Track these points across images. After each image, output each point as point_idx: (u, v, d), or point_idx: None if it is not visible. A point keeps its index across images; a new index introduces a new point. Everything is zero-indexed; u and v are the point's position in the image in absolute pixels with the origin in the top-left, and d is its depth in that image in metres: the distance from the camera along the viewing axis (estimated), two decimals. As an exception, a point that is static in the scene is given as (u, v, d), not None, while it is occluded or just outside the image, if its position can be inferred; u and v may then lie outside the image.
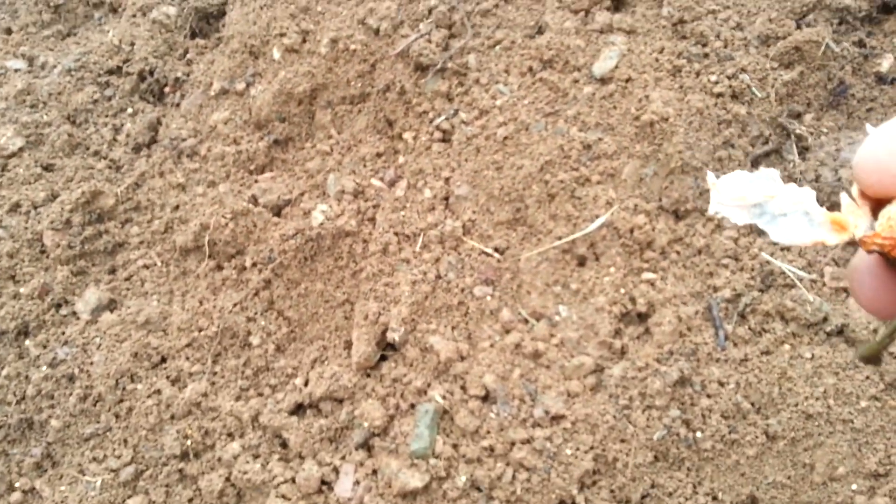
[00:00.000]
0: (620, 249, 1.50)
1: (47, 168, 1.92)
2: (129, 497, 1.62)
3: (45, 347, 1.72)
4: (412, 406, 1.53)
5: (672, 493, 1.39)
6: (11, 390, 1.70)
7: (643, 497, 1.40)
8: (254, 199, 1.74)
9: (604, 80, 1.62)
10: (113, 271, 1.82)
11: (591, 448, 1.39)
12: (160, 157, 1.90)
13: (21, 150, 1.92)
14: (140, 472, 1.63)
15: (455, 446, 1.49)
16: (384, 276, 1.61)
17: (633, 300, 1.47)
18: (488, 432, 1.46)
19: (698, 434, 1.38)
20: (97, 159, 1.94)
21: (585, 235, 1.51)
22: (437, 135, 1.68)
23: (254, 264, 1.69)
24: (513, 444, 1.43)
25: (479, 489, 1.45)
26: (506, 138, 1.61)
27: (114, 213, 1.83)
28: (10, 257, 1.79)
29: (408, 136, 1.70)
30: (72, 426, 1.67)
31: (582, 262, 1.53)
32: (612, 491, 1.41)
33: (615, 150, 1.55)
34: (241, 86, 1.85)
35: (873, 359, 0.47)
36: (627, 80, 1.60)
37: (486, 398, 1.50)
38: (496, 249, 1.58)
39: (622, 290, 1.47)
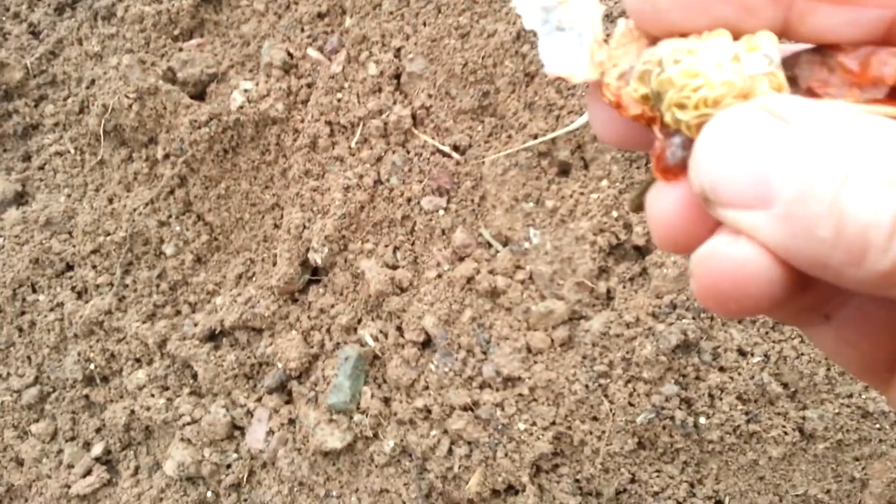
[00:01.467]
0: (617, 155, 1.06)
1: (-42, 32, 1.62)
2: (35, 421, 1.41)
3: (-52, 246, 1.49)
4: (338, 346, 1.21)
5: (659, 491, 1.02)
6: (-85, 293, 1.49)
7: (619, 493, 1.04)
8: (171, 74, 1.37)
9: None
10: (27, 158, 1.53)
11: (553, 424, 1.03)
12: (80, 20, 1.55)
13: (-71, 9, 1.62)
14: (45, 394, 1.41)
15: (386, 401, 1.16)
16: (311, 178, 1.24)
17: (627, 227, 1.05)
18: (426, 388, 1.12)
19: (702, 420, 0.98)
20: (16, 22, 1.62)
21: (571, 133, 1.08)
22: (390, -12, 1.24)
23: (166, 156, 1.36)
24: (452, 408, 1.09)
25: (410, 457, 1.13)
26: (475, -8, 1.16)
27: (24, 88, 1.52)
28: (-88, 139, 1.54)
29: (354, -10, 1.28)
30: (-27, 338, 1.45)
31: (564, 170, 1.11)
32: (576, 481, 1.05)
33: (619, 13, 1.08)
34: (162, -75, 1.45)
35: (641, 206, 0.31)
36: None
37: (426, 345, 1.15)
38: (455, 147, 1.17)
39: (614, 214, 1.04)
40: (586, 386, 1.01)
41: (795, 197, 0.22)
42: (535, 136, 1.09)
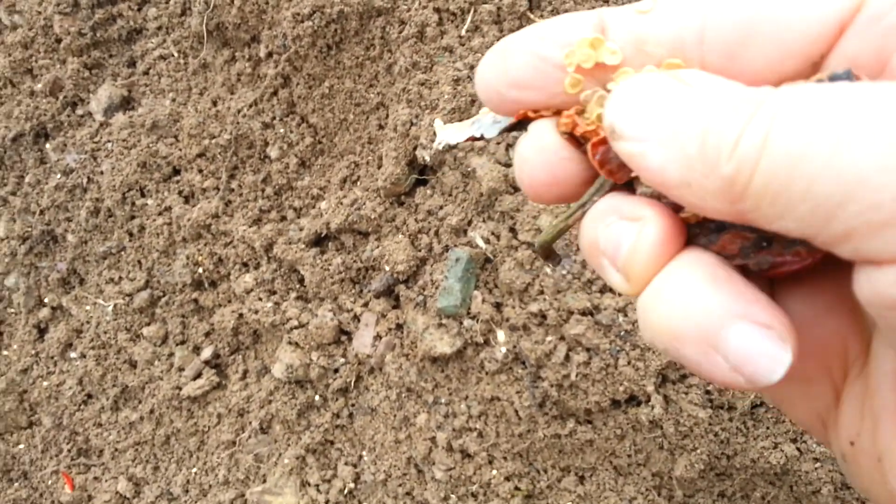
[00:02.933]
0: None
1: (63, -63, 1.62)
2: (147, 324, 1.45)
3: (62, 151, 1.52)
4: (447, 248, 1.16)
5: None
6: (34, 199, 1.54)
7: (754, 406, 0.95)
8: (272, -33, 1.33)
9: None
10: (132, 63, 1.53)
11: (682, 330, 0.95)
12: (179, -81, 1.52)
13: (35, -85, 1.62)
14: (155, 298, 1.44)
15: (498, 306, 1.11)
16: (419, 70, 1.17)
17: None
18: (540, 293, 1.06)
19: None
20: (116, -75, 1.60)
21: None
22: None
23: (269, 54, 1.32)
24: (570, 313, 1.02)
25: (523, 364, 1.08)
26: None
27: (127, -9, 1.52)
28: (25, 48, 1.56)
29: None
30: (88, 242, 1.49)
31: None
32: (706, 392, 0.98)
33: None
34: None
35: (550, 253, 0.37)
36: None
37: (542, 246, 1.08)
38: (576, 32, 1.08)
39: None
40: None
41: (677, 129, 0.26)
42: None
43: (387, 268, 1.18)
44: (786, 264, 0.29)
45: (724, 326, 0.26)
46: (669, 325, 0.27)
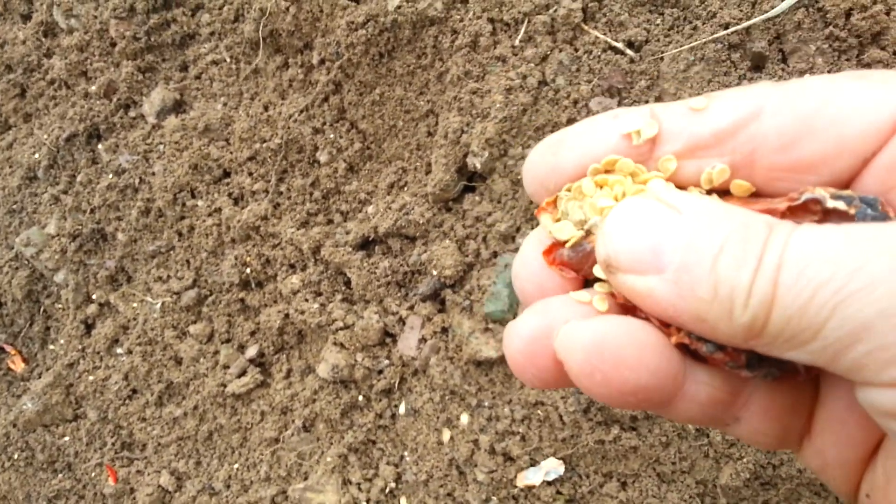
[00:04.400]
0: (823, 45, 0.96)
1: (120, -56, 1.68)
2: (193, 322, 1.49)
3: (114, 152, 1.58)
4: (495, 255, 1.19)
5: None
6: (85, 198, 1.59)
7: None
8: (326, -23, 1.37)
9: None
10: (184, 68, 1.59)
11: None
12: (234, -72, 1.57)
13: (94, -77, 1.69)
14: (203, 297, 1.48)
15: (544, 312, 1.14)
16: (471, 79, 1.21)
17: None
18: (588, 299, 1.09)
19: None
20: (172, -67, 1.66)
21: (770, 21, 0.99)
22: None
23: (322, 61, 1.37)
24: (618, 319, 1.05)
25: (569, 370, 1.11)
26: None
27: (182, -3, 1.57)
28: (81, 51, 1.62)
29: None
30: (137, 241, 1.54)
31: (758, 64, 1.02)
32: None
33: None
34: None
35: None
36: None
37: (590, 254, 1.11)
38: (629, 44, 1.11)
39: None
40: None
41: (682, 265, 0.27)
42: (727, 26, 1.00)
43: (434, 272, 1.21)
44: (787, 374, 0.31)
45: None
46: None
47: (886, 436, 0.31)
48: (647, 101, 1.09)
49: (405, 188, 1.33)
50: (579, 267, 0.33)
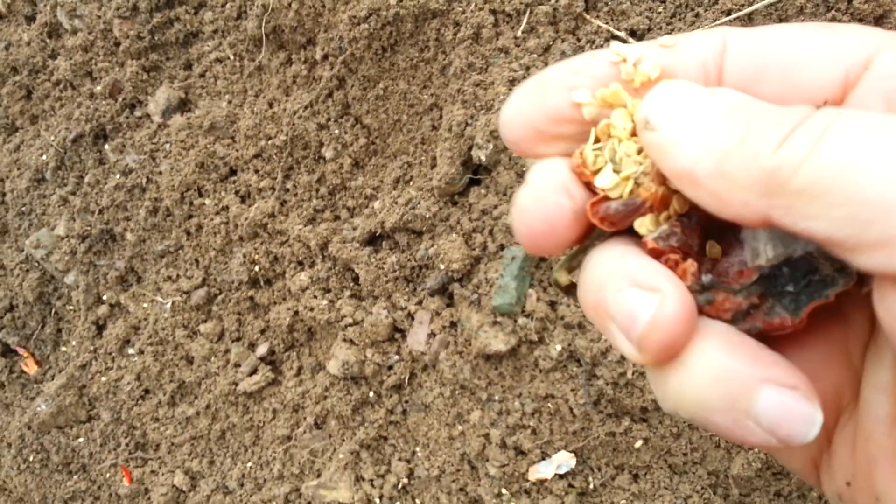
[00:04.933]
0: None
1: (122, -56, 1.70)
2: (203, 321, 1.51)
3: (121, 152, 1.60)
4: (502, 247, 1.20)
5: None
6: (93, 199, 1.62)
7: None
8: (328, -28, 1.38)
9: None
10: (188, 66, 1.61)
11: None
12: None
13: (95, -77, 1.71)
14: (212, 295, 1.50)
15: (552, 304, 1.15)
16: (474, 72, 1.22)
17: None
18: (596, 291, 1.10)
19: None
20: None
21: (772, 6, 0.98)
22: None
23: (325, 56, 1.38)
24: (626, 310, 1.06)
25: (578, 362, 1.12)
26: None
27: (184, -5, 1.59)
28: (85, 51, 1.64)
29: None
30: (146, 241, 1.56)
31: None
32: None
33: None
34: None
35: (570, 289, 0.37)
36: None
37: (598, 245, 1.12)
38: (631, 33, 1.11)
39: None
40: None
41: (717, 125, 0.28)
42: (729, 13, 1.00)
43: (441, 266, 1.22)
44: (773, 329, 0.31)
45: (752, 393, 0.27)
46: (696, 397, 0.28)
47: (862, 418, 0.31)
48: (652, 90, 1.09)
49: (411, 182, 1.34)
50: (623, 221, 0.32)
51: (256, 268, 1.43)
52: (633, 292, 0.29)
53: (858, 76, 0.29)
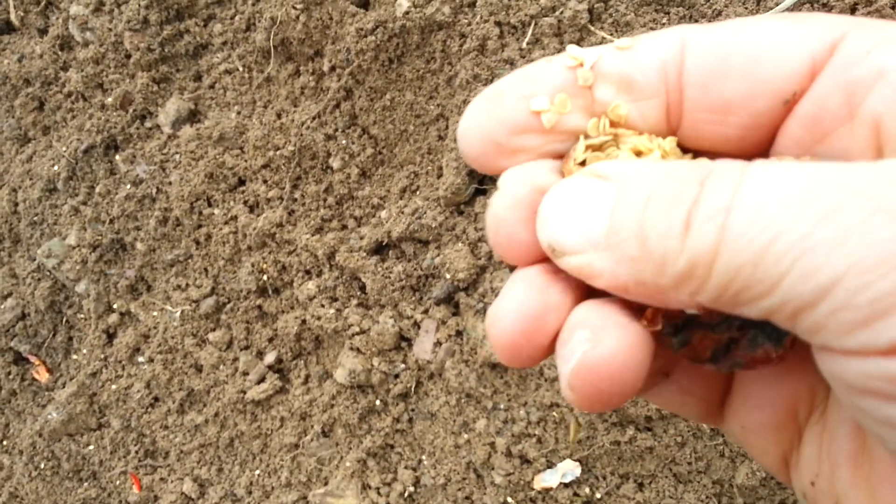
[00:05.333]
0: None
1: (133, -43, 1.73)
2: (212, 330, 1.54)
3: (131, 163, 1.63)
4: (507, 257, 1.22)
5: None
6: (104, 208, 1.65)
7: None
8: (335, -16, 1.41)
9: None
10: (198, 78, 1.64)
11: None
12: (244, -63, 1.62)
13: (106, -64, 1.75)
14: (221, 304, 1.53)
15: (557, 314, 1.16)
16: (480, 83, 1.24)
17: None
18: (600, 300, 1.11)
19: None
20: (183, -56, 1.71)
21: (780, 13, 1.00)
22: None
23: (332, 68, 1.40)
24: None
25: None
26: None
27: (194, 8, 1.62)
28: (97, 63, 1.67)
29: None
30: (156, 250, 1.59)
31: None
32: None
33: None
34: None
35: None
36: None
37: (602, 255, 1.13)
38: (635, 44, 1.13)
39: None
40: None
41: (611, 229, 0.27)
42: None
43: (447, 276, 1.24)
44: (757, 363, 0.30)
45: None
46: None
47: (829, 419, 0.30)
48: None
49: (417, 192, 1.36)
50: None
51: (265, 277, 1.45)
52: (577, 333, 0.29)
53: (825, 62, 0.29)
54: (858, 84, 0.27)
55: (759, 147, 0.31)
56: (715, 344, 0.30)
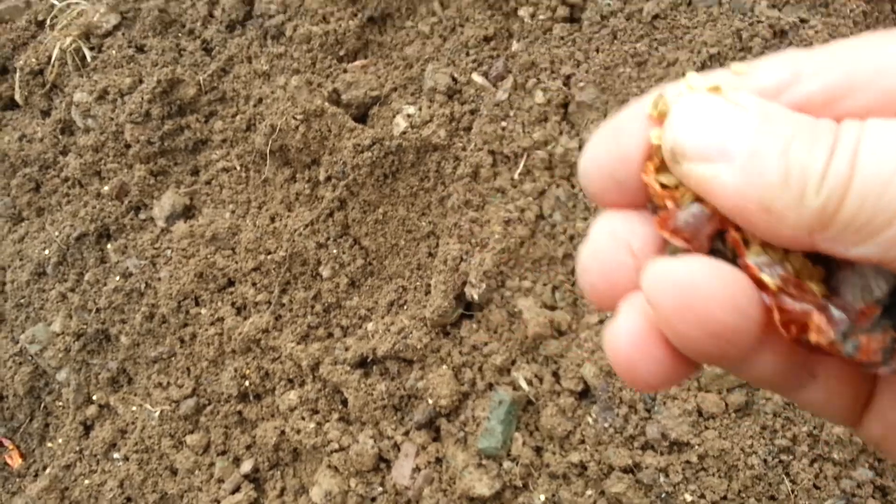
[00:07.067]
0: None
1: (140, 49, 1.80)
2: (190, 432, 1.55)
3: (122, 254, 1.67)
4: (490, 386, 1.24)
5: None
6: (91, 297, 1.68)
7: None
8: (335, 95, 1.46)
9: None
10: (195, 172, 1.68)
11: (724, 499, 1.00)
12: (250, 38, 1.68)
13: (116, 28, 1.82)
14: (201, 406, 1.54)
15: (538, 450, 1.17)
16: (471, 208, 1.27)
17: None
18: (581, 442, 1.12)
19: (901, 511, 0.92)
20: (190, 39, 1.78)
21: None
22: (562, 11, 1.25)
23: (328, 178, 1.45)
24: (611, 468, 1.08)
25: (562, 513, 1.14)
26: (656, 17, 1.15)
27: (196, 104, 1.68)
28: (96, 151, 1.73)
29: (524, 12, 1.29)
30: (140, 345, 1.62)
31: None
32: (746, 562, 1.02)
33: (826, 39, 1.02)
34: (333, -55, 1.54)
35: None
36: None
37: (584, 395, 1.15)
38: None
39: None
40: (764, 461, 0.98)
41: (752, 151, 0.28)
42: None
43: (430, 400, 1.26)
44: None
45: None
46: None
47: None
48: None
49: (405, 307, 1.39)
50: (696, 235, 0.31)
51: (247, 382, 1.47)
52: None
53: None
54: None
55: None
56: (881, 344, 0.30)
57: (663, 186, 0.32)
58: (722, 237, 0.31)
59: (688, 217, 0.31)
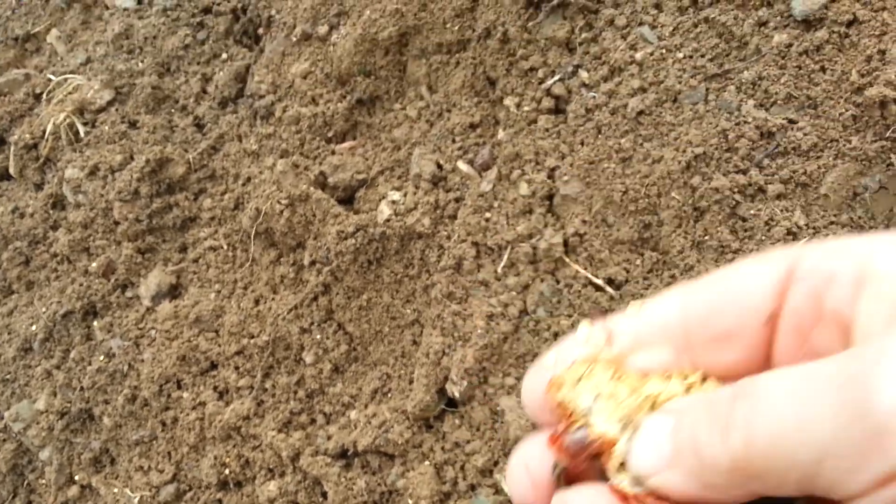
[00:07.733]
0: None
1: (133, 125, 1.82)
2: (170, 520, 1.52)
3: (108, 332, 1.66)
4: (472, 487, 1.20)
5: None
6: (76, 375, 1.66)
7: None
8: (322, 178, 1.46)
9: (809, 24, 1.05)
10: (183, 249, 1.68)
11: None
12: (241, 116, 1.69)
13: (110, 103, 1.84)
14: (181, 492, 1.51)
15: (520, 557, 1.14)
16: (454, 301, 1.26)
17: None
18: (564, 551, 1.09)
19: None
20: (182, 115, 1.79)
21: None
22: (547, 102, 1.25)
23: (312, 262, 1.44)
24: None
25: None
26: (641, 113, 1.14)
27: (185, 182, 1.68)
28: (85, 227, 1.73)
29: (510, 101, 1.29)
30: (122, 427, 1.59)
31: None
32: None
33: (815, 142, 1.01)
34: (323, 29, 1.55)
35: None
36: (850, 24, 1.03)
37: (567, 501, 1.11)
38: (609, 281, 1.14)
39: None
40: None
41: (674, 450, 0.33)
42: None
43: (410, 501, 1.22)
44: None
45: None
46: None
47: None
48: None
49: (389, 395, 1.37)
50: (575, 456, 0.36)
51: (227, 471, 1.44)
52: None
53: (790, 281, 0.35)
54: (817, 290, 0.34)
55: (763, 363, 0.37)
56: None
57: (561, 406, 0.36)
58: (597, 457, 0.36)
59: (574, 440, 0.35)
